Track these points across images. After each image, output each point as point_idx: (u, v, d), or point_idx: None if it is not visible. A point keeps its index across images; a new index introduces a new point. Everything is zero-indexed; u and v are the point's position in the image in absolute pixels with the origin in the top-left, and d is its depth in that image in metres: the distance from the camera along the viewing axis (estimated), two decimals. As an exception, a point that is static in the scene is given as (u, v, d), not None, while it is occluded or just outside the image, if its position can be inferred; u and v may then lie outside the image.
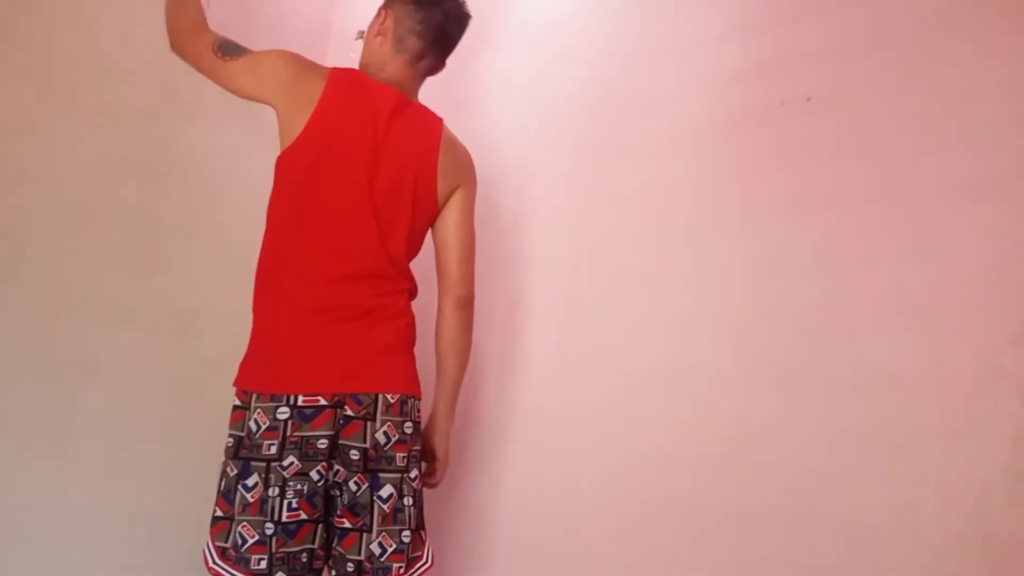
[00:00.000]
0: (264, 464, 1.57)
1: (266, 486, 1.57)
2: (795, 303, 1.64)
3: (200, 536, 2.24)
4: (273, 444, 1.58)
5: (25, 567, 1.99)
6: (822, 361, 1.58)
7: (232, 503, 1.58)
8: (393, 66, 1.82)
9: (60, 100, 2.08)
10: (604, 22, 2.08)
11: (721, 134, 1.79)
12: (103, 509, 2.10)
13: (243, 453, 1.60)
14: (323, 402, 1.59)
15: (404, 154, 1.73)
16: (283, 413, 1.58)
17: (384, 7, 1.85)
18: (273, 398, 1.59)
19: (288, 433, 1.58)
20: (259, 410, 1.59)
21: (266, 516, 1.56)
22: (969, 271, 1.42)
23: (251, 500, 1.57)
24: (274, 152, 2.60)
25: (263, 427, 1.58)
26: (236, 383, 1.66)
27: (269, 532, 1.56)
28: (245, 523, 1.56)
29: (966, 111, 1.47)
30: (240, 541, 1.56)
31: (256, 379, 1.63)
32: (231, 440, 1.62)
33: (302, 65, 1.75)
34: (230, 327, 2.33)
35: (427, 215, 1.79)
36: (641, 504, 1.81)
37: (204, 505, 2.24)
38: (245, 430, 1.61)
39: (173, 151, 2.25)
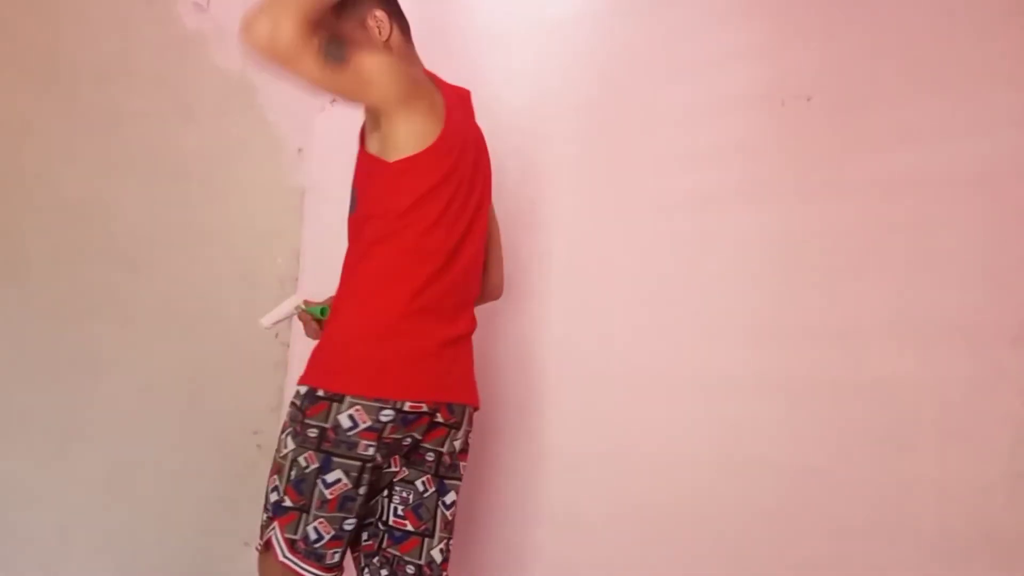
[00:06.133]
0: (358, 463, 1.52)
1: (356, 485, 1.52)
2: (796, 304, 1.64)
3: (200, 536, 2.25)
4: (371, 445, 1.52)
5: (25, 567, 1.99)
6: (822, 361, 1.58)
7: (304, 495, 1.52)
8: (416, 57, 1.73)
9: (60, 100, 2.08)
10: (604, 21, 2.08)
11: (721, 134, 1.79)
12: (103, 509, 2.10)
13: (326, 447, 1.52)
14: (425, 409, 1.57)
15: (484, 164, 1.74)
16: (387, 416, 1.52)
17: (367, 11, 1.67)
18: (378, 399, 1.52)
19: (384, 434, 1.53)
20: (358, 407, 1.51)
21: (349, 513, 1.53)
22: (969, 271, 1.42)
23: (330, 497, 1.51)
24: (273, 152, 2.60)
25: (361, 426, 1.51)
26: (344, 387, 1.53)
27: (349, 528, 1.54)
28: (322, 520, 1.52)
29: (967, 111, 1.46)
30: (315, 536, 1.52)
31: (370, 384, 1.54)
32: (314, 431, 1.52)
33: (410, 70, 1.63)
34: (230, 326, 2.34)
35: None
36: (642, 503, 1.81)
37: (204, 505, 2.26)
38: (331, 423, 1.51)
39: (173, 151, 2.25)
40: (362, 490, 1.53)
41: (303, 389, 1.55)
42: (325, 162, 2.53)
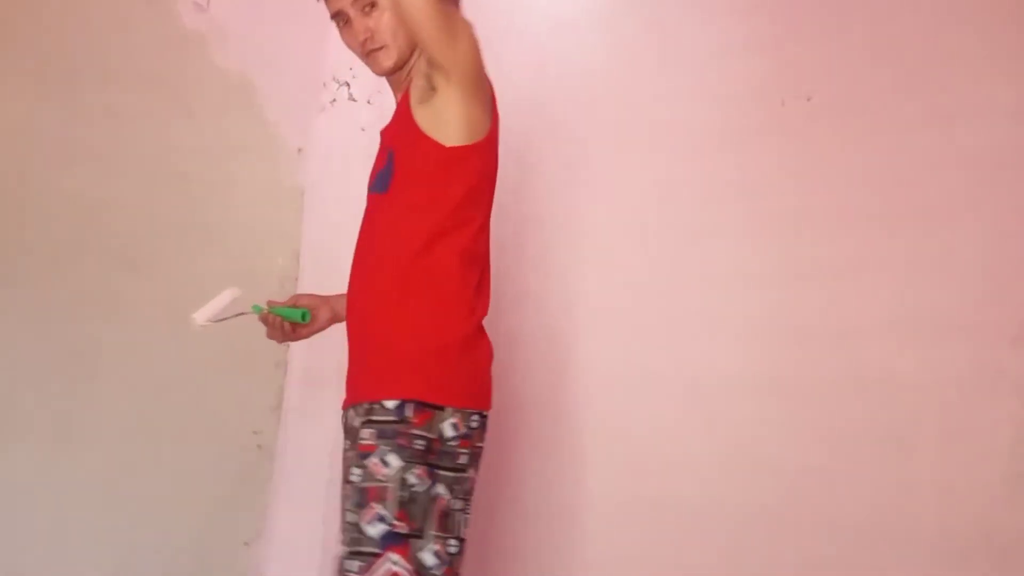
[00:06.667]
0: (454, 475, 1.43)
1: (454, 497, 1.43)
2: (796, 304, 1.64)
3: (200, 536, 2.25)
4: (465, 453, 1.45)
5: (25, 567, 1.99)
6: (823, 362, 1.58)
7: (416, 517, 1.39)
8: None
9: (60, 100, 2.08)
10: (605, 21, 2.08)
11: (722, 135, 1.79)
12: (103, 509, 2.10)
13: (431, 459, 1.41)
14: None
15: None
16: (475, 421, 1.47)
17: None
18: (468, 408, 1.47)
19: (474, 442, 1.48)
20: (458, 415, 1.44)
21: (450, 532, 1.42)
22: (969, 272, 1.43)
23: (436, 512, 1.41)
24: (273, 152, 2.59)
25: (459, 433, 1.44)
26: (448, 400, 1.45)
27: (453, 551, 1.42)
28: (437, 540, 1.40)
29: (966, 110, 1.47)
30: (433, 562, 1.39)
31: (468, 395, 1.48)
32: (422, 442, 1.41)
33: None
34: (230, 326, 2.33)
35: None
36: (643, 503, 1.81)
37: (204, 505, 2.25)
38: (436, 432, 1.42)
39: (173, 151, 2.25)
40: (457, 504, 1.44)
41: (392, 403, 1.42)
42: (325, 162, 2.53)
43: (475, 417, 1.47)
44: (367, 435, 1.42)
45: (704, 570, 1.69)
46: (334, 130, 2.53)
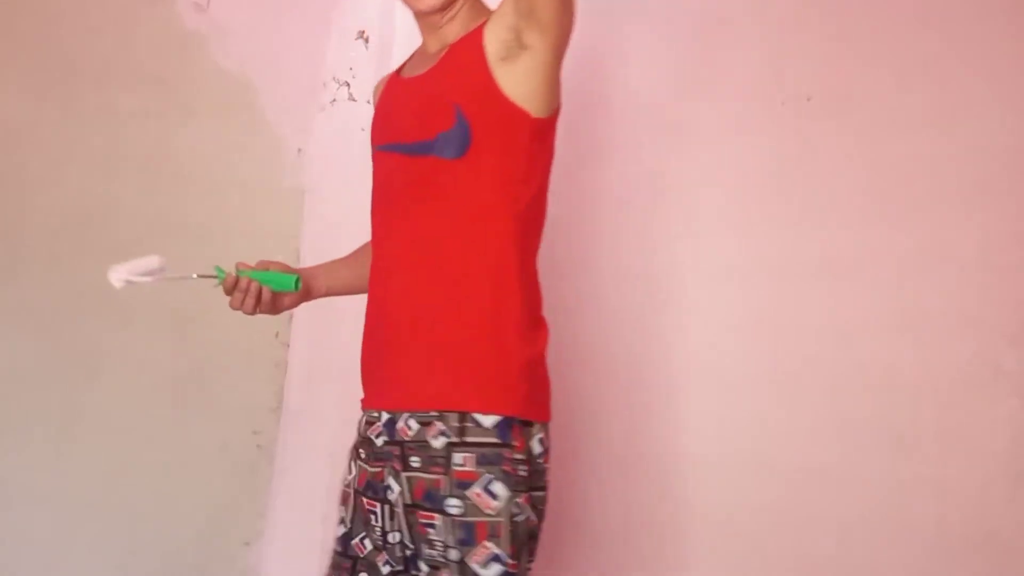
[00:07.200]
0: (542, 494, 1.29)
1: (541, 520, 1.29)
2: (795, 304, 1.64)
3: (200, 536, 2.25)
4: (548, 468, 1.31)
5: (25, 567, 1.99)
6: (822, 361, 1.58)
7: (519, 549, 1.24)
8: None
9: (60, 100, 2.08)
10: (602, 20, 2.08)
11: (720, 134, 1.79)
12: (103, 509, 2.10)
13: (528, 481, 1.27)
14: None
15: None
16: (548, 432, 1.33)
17: None
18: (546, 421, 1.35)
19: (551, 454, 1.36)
20: (543, 429, 1.30)
21: (533, 556, 1.29)
22: (968, 271, 1.42)
23: (529, 538, 1.28)
24: (273, 152, 2.59)
25: (544, 448, 1.30)
26: (540, 415, 1.32)
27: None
28: (527, 569, 1.27)
29: (967, 109, 1.47)
30: None
31: (546, 407, 1.35)
32: (524, 467, 1.25)
33: None
34: (230, 326, 2.34)
35: None
36: (643, 503, 1.81)
37: (204, 505, 2.26)
38: (526, 452, 1.26)
39: (173, 151, 2.25)
40: (543, 525, 1.30)
41: (490, 420, 1.23)
42: (325, 162, 2.53)
43: (548, 427, 1.33)
44: (463, 460, 1.23)
45: (702, 569, 1.69)
46: (334, 130, 2.53)
